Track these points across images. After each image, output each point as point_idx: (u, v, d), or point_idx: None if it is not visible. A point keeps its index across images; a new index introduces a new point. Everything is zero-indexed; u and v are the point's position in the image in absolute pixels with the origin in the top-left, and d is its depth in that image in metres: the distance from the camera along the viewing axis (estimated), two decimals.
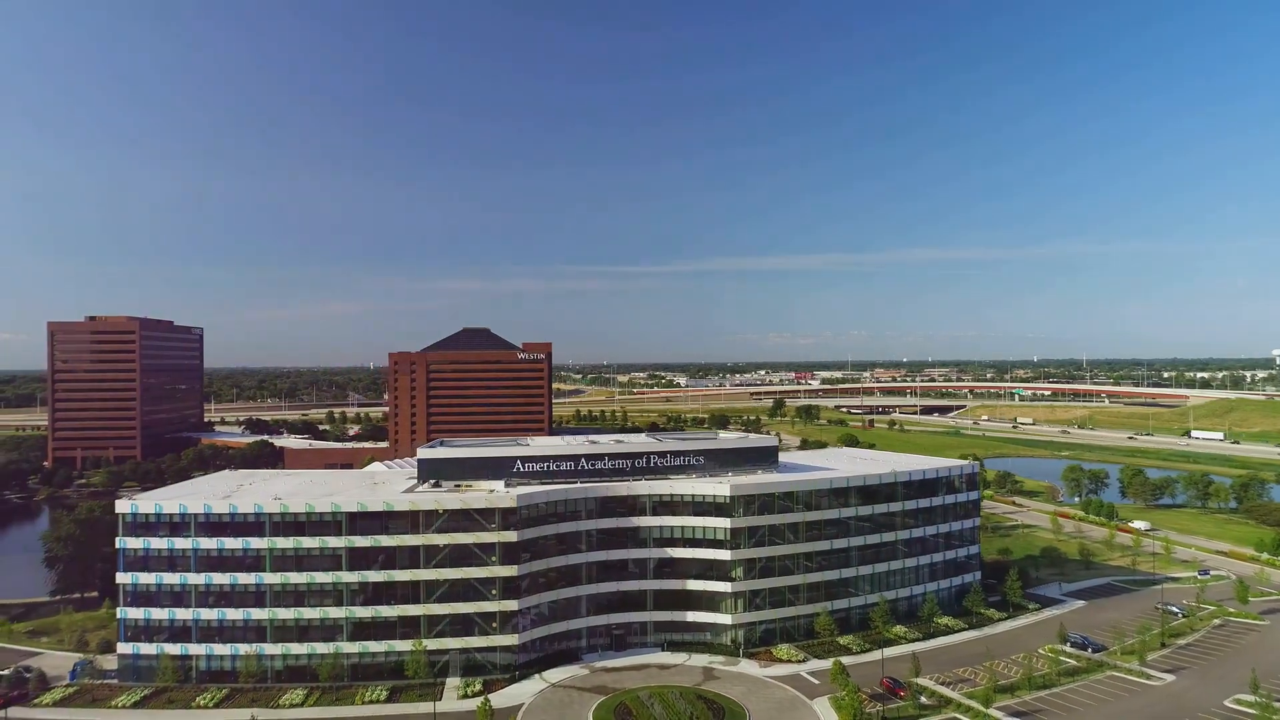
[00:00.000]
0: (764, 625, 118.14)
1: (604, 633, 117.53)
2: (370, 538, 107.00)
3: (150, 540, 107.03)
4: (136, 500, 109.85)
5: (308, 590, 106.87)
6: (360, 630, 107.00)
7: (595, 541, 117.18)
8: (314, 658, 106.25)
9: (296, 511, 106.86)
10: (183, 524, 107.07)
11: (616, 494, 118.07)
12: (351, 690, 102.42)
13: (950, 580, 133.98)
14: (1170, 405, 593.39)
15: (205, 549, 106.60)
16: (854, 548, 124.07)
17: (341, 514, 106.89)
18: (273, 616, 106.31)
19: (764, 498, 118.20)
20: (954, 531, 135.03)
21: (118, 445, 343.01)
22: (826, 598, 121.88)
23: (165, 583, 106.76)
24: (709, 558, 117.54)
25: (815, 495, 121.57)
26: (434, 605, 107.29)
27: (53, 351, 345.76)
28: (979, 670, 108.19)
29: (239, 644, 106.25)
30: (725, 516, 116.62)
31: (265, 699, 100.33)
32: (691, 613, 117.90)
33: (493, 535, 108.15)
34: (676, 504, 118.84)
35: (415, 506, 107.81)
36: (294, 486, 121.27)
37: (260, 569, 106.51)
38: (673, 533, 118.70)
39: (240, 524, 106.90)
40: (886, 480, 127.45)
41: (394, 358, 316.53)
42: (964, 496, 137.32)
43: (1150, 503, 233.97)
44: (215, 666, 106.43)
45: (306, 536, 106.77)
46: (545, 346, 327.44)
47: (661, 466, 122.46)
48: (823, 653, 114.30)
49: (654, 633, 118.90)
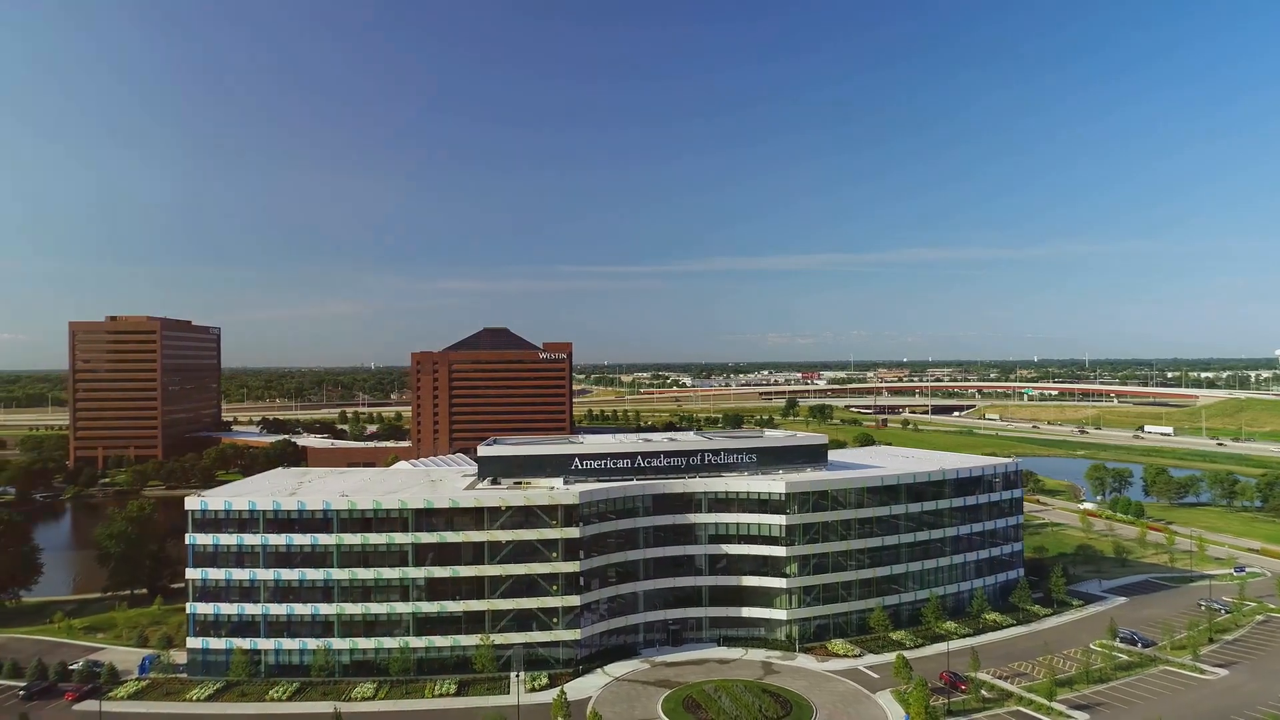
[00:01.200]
0: (818, 621, 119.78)
1: (660, 628, 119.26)
2: (436, 534, 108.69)
3: (219, 536, 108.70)
4: (206, 497, 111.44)
5: (374, 586, 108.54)
6: (425, 625, 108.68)
7: (652, 538, 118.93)
8: (380, 652, 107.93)
9: (364, 508, 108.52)
10: (251, 520, 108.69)
11: (672, 491, 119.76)
12: (419, 684, 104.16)
13: (995, 577, 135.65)
14: (1179, 405, 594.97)
15: (274, 545, 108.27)
16: (903, 544, 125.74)
17: (408, 511, 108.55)
18: (340, 612, 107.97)
19: (818, 495, 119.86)
20: (998, 529, 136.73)
21: (139, 444, 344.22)
22: (877, 594, 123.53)
23: (234, 578, 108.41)
24: (764, 554, 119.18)
25: (867, 493, 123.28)
26: (498, 601, 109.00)
27: (74, 351, 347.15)
28: (1033, 665, 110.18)
29: (307, 639, 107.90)
30: (780, 514, 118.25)
31: (336, 693, 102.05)
32: (746, 608, 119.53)
33: (555, 532, 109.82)
34: (731, 501, 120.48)
35: (480, 503, 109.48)
36: (354, 484, 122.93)
37: (328, 565, 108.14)
38: (728, 529, 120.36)
39: (308, 520, 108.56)
40: (935, 478, 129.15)
41: (416, 357, 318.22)
42: (1007, 494, 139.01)
43: (1174, 501, 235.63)
44: (283, 661, 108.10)
45: (373, 533, 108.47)
46: (566, 346, 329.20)
47: (714, 464, 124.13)
48: (877, 647, 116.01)
49: (709, 628, 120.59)
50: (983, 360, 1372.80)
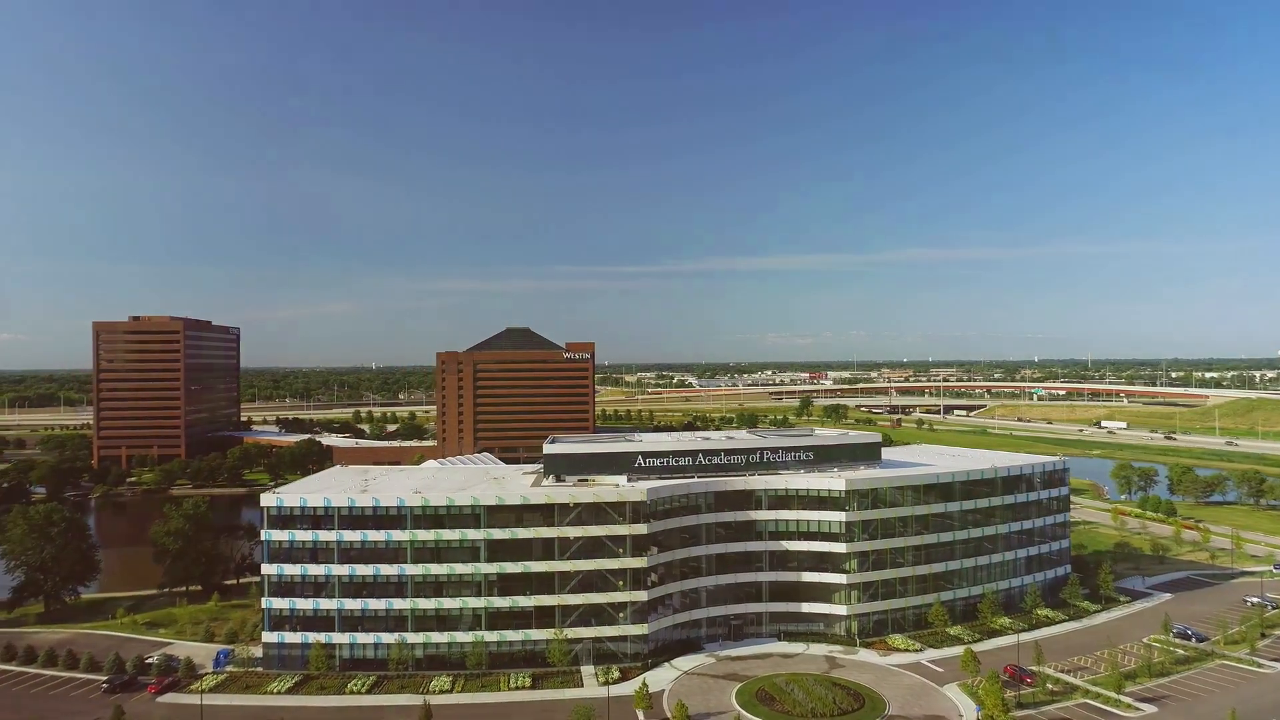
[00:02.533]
0: (876, 616, 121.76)
1: (721, 623, 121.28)
2: (508, 530, 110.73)
3: (295, 533, 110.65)
4: (281, 494, 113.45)
5: (447, 581, 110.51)
6: (497, 619, 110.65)
7: (713, 534, 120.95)
8: (453, 646, 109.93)
9: (437, 505, 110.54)
10: (326, 517, 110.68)
11: (733, 488, 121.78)
12: (493, 677, 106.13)
13: (1044, 573, 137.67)
14: (1189, 405, 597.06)
15: (349, 541, 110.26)
16: (957, 541, 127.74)
17: (480, 507, 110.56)
18: (414, 606, 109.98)
19: (876, 492, 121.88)
20: (1046, 526, 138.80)
21: (162, 444, 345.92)
22: (932, 590, 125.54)
23: (310, 574, 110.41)
24: (823, 550, 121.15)
25: (923, 490, 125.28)
26: (568, 596, 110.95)
27: (98, 351, 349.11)
28: (1091, 659, 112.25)
29: (381, 633, 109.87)
30: (840, 510, 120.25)
31: (413, 685, 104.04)
32: (806, 604, 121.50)
33: (623, 528, 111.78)
34: (790, 498, 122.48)
35: (551, 500, 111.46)
36: (418, 482, 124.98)
37: (402, 560, 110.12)
38: (787, 526, 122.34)
39: (382, 517, 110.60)
40: (986, 475, 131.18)
41: (441, 357, 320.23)
42: (1054, 492, 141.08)
43: (1201, 499, 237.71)
44: (358, 655, 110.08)
45: (446, 529, 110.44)
46: (588, 346, 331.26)
47: (772, 461, 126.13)
48: (935, 642, 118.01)
49: (768, 623, 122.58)
50: (984, 360, 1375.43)
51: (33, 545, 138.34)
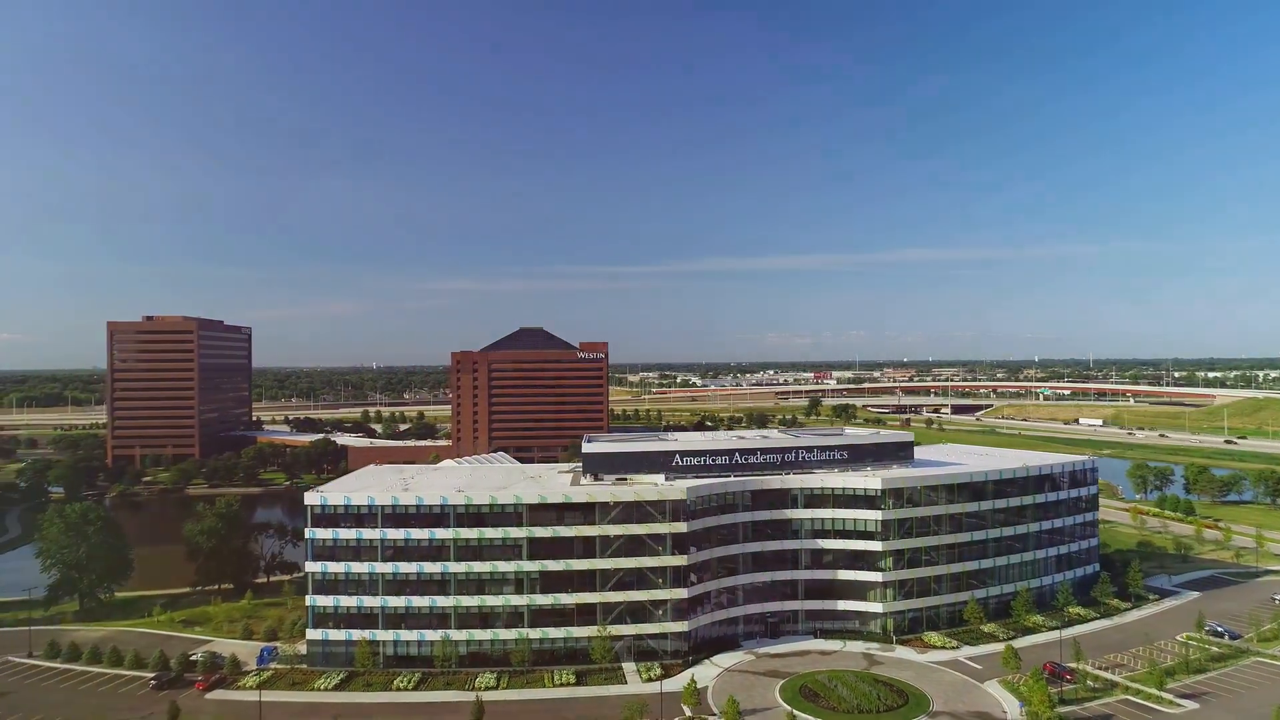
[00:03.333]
0: (911, 613, 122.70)
1: (759, 620, 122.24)
2: (550, 528, 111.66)
3: (339, 531, 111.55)
4: (325, 493, 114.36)
5: (490, 579, 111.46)
6: (538, 617, 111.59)
7: (750, 533, 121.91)
8: (496, 643, 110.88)
9: (480, 503, 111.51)
10: (369, 515, 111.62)
11: (770, 487, 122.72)
12: (537, 674, 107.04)
13: (1073, 571, 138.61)
14: (1196, 405, 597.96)
15: (392, 539, 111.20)
16: (990, 539, 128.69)
17: (522, 505, 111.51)
18: (457, 604, 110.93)
19: (911, 490, 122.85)
20: (1076, 524, 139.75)
21: (176, 443, 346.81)
22: (965, 588, 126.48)
23: (354, 572, 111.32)
24: (858, 549, 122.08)
25: (957, 489, 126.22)
26: (609, 593, 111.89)
27: (112, 351, 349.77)
28: (1126, 656, 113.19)
29: (424, 630, 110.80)
30: (875, 509, 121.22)
31: (459, 682, 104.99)
32: (842, 601, 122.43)
33: (664, 526, 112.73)
34: (826, 497, 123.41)
35: (592, 498, 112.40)
36: (457, 480, 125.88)
37: (445, 558, 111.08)
38: (823, 524, 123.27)
39: (425, 515, 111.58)
40: (1019, 474, 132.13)
41: (456, 357, 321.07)
42: (1083, 491, 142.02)
43: (1217, 499, 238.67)
44: (401, 652, 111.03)
45: (489, 527, 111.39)
46: (602, 346, 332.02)
47: (807, 461, 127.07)
48: (971, 639, 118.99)
49: (804, 621, 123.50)
50: (986, 360, 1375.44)
51: (69, 544, 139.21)
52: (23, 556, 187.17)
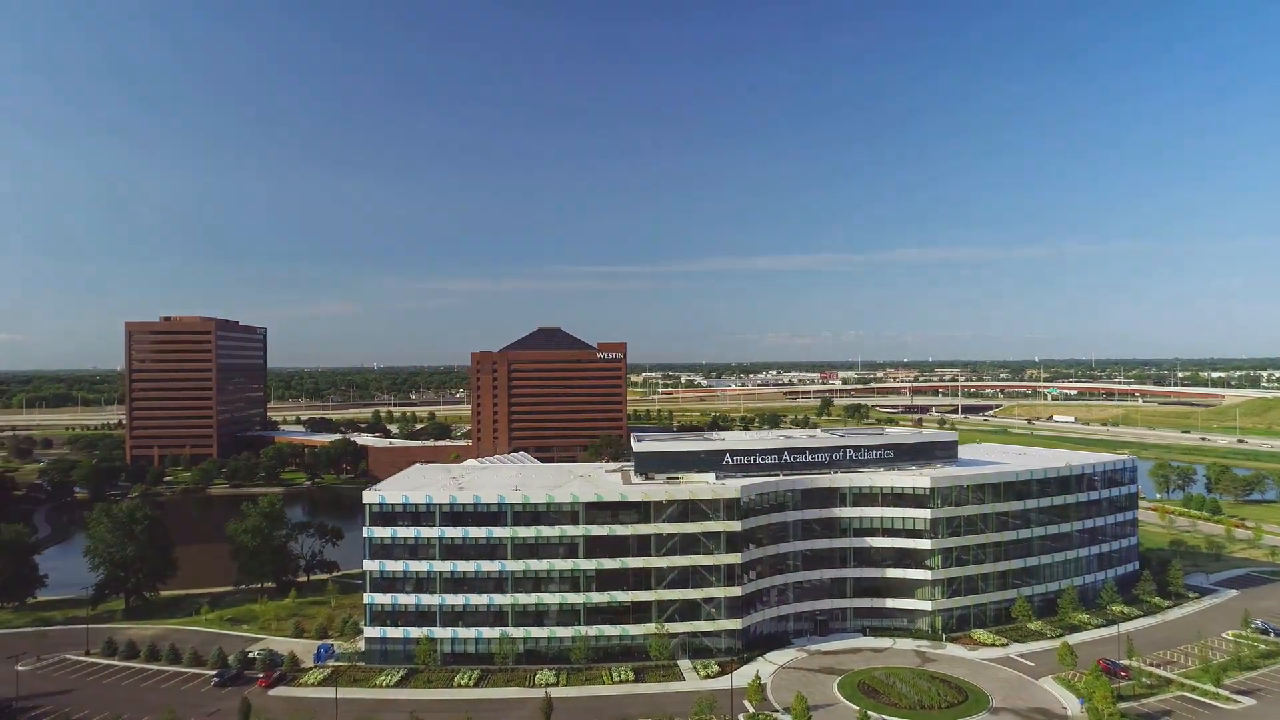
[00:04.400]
0: (959, 611, 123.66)
1: (808, 618, 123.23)
2: (606, 527, 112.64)
3: (397, 529, 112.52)
4: (383, 492, 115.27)
5: (546, 577, 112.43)
6: (594, 615, 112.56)
7: (799, 531, 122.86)
8: (553, 640, 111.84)
9: (537, 502, 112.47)
10: (427, 514, 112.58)
11: (819, 486, 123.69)
12: (595, 671, 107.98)
13: (1115, 570, 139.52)
14: (1205, 405, 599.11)
15: (450, 538, 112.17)
16: (1035, 538, 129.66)
17: (579, 504, 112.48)
18: (514, 602, 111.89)
19: (959, 489, 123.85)
20: (1117, 523, 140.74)
21: (194, 443, 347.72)
22: (1011, 586, 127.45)
23: (412, 570, 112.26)
24: (906, 547, 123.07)
25: (1003, 487, 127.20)
26: (664, 591, 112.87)
27: (130, 351, 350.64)
28: (1175, 653, 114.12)
29: (482, 628, 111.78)
30: (923, 507, 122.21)
31: (519, 679, 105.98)
32: (890, 599, 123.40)
33: (718, 525, 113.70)
34: (875, 495, 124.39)
35: (648, 497, 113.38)
36: (508, 479, 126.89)
37: (502, 557, 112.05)
38: (871, 523, 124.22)
39: (482, 514, 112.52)
40: (1062, 473, 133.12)
41: (476, 357, 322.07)
42: (1124, 490, 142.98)
43: (1240, 498, 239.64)
44: (459, 649, 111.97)
45: (545, 526, 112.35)
46: (620, 346, 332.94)
47: (854, 460, 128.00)
48: (1019, 637, 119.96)
49: (852, 618, 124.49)
50: (987, 360, 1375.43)
51: (117, 543, 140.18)
52: (54, 556, 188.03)
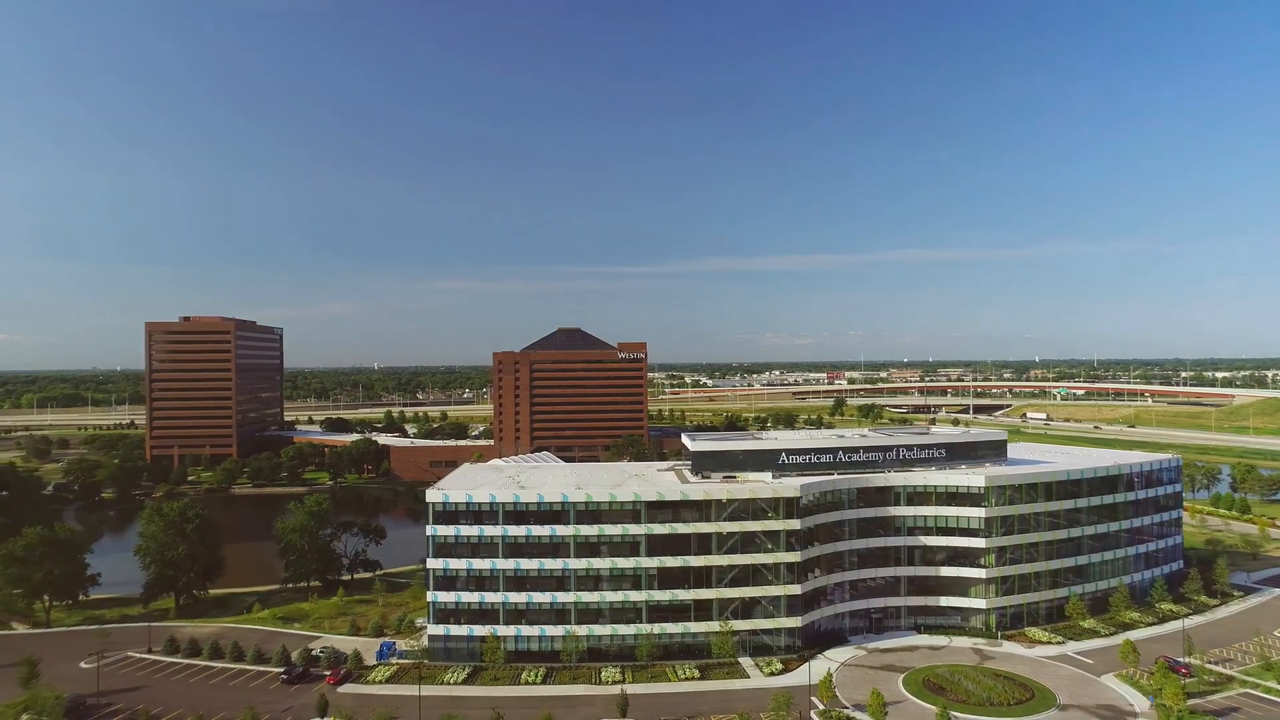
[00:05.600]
0: (1012, 609, 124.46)
1: (863, 616, 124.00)
2: (667, 525, 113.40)
3: (460, 528, 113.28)
4: (446, 491, 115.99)
5: (609, 575, 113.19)
6: (656, 613, 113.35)
7: (855, 530, 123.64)
8: (615, 638, 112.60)
9: (599, 501, 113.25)
10: (490, 513, 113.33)
11: (874, 485, 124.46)
12: (660, 668, 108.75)
13: (1161, 568, 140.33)
14: (1215, 405, 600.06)
15: (514, 536, 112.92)
16: (1085, 536, 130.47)
17: (641, 503, 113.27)
18: (577, 600, 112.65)
19: (1014, 488, 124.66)
20: (1163, 521, 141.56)
21: (214, 443, 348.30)
22: (1062, 584, 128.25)
23: (475, 568, 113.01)
24: (961, 545, 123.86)
25: (1055, 486, 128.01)
26: (725, 589, 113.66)
27: (150, 351, 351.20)
28: (1231, 650, 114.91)
29: (545, 626, 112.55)
30: (978, 506, 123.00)
31: (585, 676, 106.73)
32: (945, 598, 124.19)
33: (778, 523, 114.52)
34: (929, 494, 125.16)
35: (709, 496, 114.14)
36: (565, 478, 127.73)
37: (565, 555, 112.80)
38: (925, 521, 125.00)
39: (545, 512, 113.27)
40: (1112, 472, 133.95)
41: (498, 357, 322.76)
42: (1170, 489, 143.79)
43: (1266, 497, 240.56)
44: (522, 647, 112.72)
45: (607, 524, 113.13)
46: (641, 346, 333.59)
47: (907, 459, 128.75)
48: (1073, 635, 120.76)
49: (906, 617, 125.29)
50: (988, 360, 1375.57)
51: (168, 541, 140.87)
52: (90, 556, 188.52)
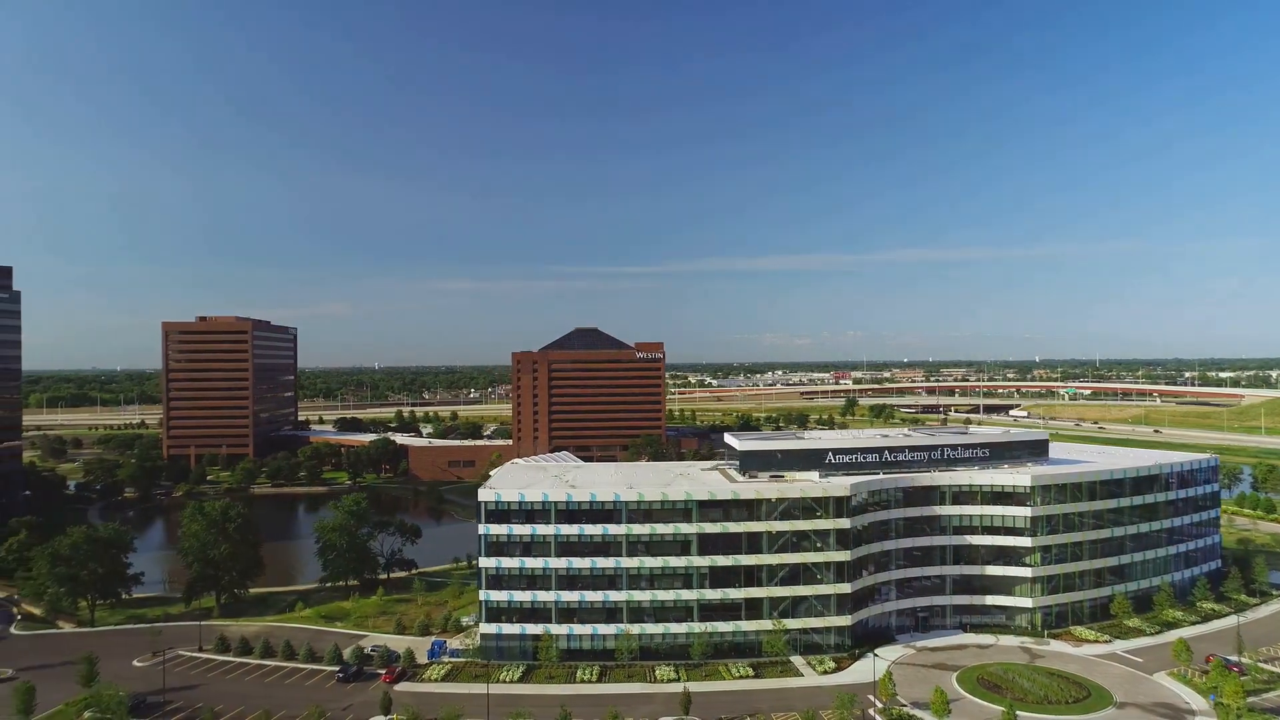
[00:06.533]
0: (1057, 608, 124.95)
1: (909, 614, 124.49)
2: (719, 525, 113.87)
3: (513, 527, 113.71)
4: (499, 490, 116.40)
5: (661, 574, 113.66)
6: (707, 611, 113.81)
7: (901, 529, 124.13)
8: (666, 637, 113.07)
9: (651, 500, 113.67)
10: (542, 512, 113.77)
11: (919, 484, 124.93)
12: (713, 666, 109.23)
13: (1201, 567, 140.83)
14: (1225, 405, 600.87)
15: (566, 535, 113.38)
16: (1128, 535, 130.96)
17: (693, 502, 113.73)
18: (629, 598, 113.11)
19: (1058, 487, 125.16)
20: (1202, 520, 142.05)
21: (231, 443, 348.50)
22: (1106, 583, 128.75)
23: (527, 567, 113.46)
24: (1006, 544, 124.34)
25: (1099, 485, 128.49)
26: (776, 588, 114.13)
27: (167, 351, 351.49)
28: (1277, 648, 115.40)
29: (597, 624, 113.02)
30: (1023, 505, 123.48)
31: (640, 675, 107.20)
32: (990, 596, 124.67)
33: (828, 522, 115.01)
34: (974, 494, 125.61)
35: (760, 495, 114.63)
36: (610, 477, 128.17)
37: (617, 554, 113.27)
38: (970, 521, 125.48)
39: (597, 511, 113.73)
40: (1152, 472, 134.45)
41: (517, 357, 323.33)
42: (1208, 488, 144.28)
43: None
44: (574, 646, 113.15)
45: (659, 523, 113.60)
46: (658, 346, 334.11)
47: (951, 458, 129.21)
48: (1118, 634, 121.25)
49: (951, 615, 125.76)
50: (989, 360, 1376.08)
51: (211, 540, 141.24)
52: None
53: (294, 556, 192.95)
